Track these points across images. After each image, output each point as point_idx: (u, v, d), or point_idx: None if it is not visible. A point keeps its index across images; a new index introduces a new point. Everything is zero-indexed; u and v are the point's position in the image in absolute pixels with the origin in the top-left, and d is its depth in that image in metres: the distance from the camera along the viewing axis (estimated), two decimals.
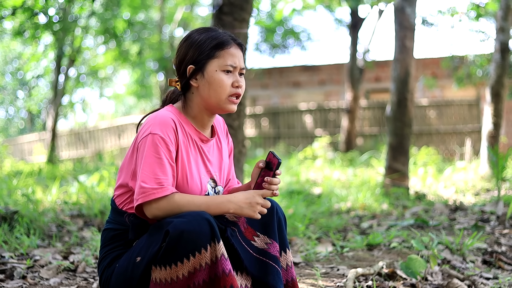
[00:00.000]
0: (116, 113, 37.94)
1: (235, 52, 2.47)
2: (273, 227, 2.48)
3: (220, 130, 2.70)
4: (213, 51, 2.44)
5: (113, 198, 2.53)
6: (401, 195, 7.52)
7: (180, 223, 2.20)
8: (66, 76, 17.46)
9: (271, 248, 2.45)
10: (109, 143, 19.91)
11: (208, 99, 2.46)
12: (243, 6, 4.76)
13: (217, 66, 2.44)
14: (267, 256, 2.44)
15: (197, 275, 2.22)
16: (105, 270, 2.46)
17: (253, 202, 2.34)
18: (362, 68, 15.93)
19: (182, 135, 2.43)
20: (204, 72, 2.44)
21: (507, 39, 9.46)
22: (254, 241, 2.44)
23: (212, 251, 2.22)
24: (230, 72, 2.46)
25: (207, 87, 2.44)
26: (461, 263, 3.95)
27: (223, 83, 2.43)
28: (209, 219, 2.23)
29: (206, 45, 2.44)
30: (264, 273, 2.41)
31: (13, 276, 3.28)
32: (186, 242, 2.19)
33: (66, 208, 5.75)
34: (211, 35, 2.47)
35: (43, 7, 12.52)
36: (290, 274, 2.53)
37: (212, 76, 2.43)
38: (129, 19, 17.56)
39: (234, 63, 2.46)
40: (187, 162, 2.44)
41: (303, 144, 16.99)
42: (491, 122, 9.49)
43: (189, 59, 2.46)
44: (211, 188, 2.56)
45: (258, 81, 20.84)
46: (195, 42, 2.46)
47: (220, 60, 2.44)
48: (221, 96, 2.44)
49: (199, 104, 2.49)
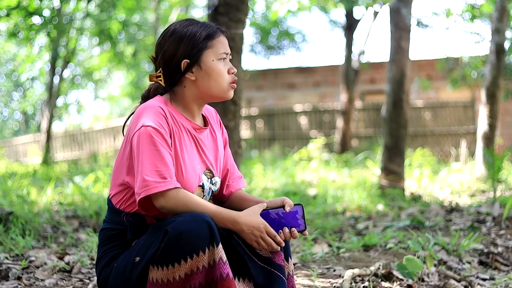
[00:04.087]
0: (111, 114, 37.87)
1: (224, 40, 2.49)
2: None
3: (212, 120, 2.68)
4: (205, 42, 2.43)
5: (109, 197, 2.50)
6: (396, 196, 7.51)
7: (180, 223, 2.19)
8: (61, 77, 17.44)
9: (276, 257, 2.42)
10: (104, 144, 19.88)
11: (207, 90, 2.45)
12: (238, 6, 4.75)
13: (213, 55, 2.44)
14: (272, 265, 2.41)
15: (194, 277, 2.20)
16: (103, 270, 2.44)
17: (256, 233, 2.32)
18: (357, 69, 15.94)
19: (174, 125, 2.41)
20: (201, 64, 2.43)
21: (502, 41, 9.47)
22: (259, 250, 2.41)
23: (210, 254, 2.20)
24: (224, 59, 2.47)
25: (206, 79, 2.44)
26: (457, 264, 3.95)
27: (222, 71, 2.45)
28: (209, 222, 2.21)
29: (197, 38, 2.43)
30: (270, 283, 2.39)
31: (8, 277, 3.27)
32: (184, 244, 2.17)
33: (61, 209, 5.73)
34: (198, 27, 2.45)
35: (38, 8, 12.51)
36: (291, 283, 2.51)
37: (211, 66, 2.43)
38: (124, 20, 17.56)
39: (226, 50, 2.47)
40: (181, 152, 2.41)
41: (298, 146, 16.98)
42: (486, 123, 9.50)
43: (181, 54, 2.43)
44: (207, 179, 2.52)
45: (253, 83, 20.82)
46: (185, 36, 2.43)
47: (214, 49, 2.44)
48: (223, 84, 2.45)
49: (193, 95, 2.47)
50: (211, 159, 2.58)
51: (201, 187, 2.49)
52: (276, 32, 20.55)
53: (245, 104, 20.54)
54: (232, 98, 4.92)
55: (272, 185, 8.37)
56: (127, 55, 19.47)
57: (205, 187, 2.51)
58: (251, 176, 9.22)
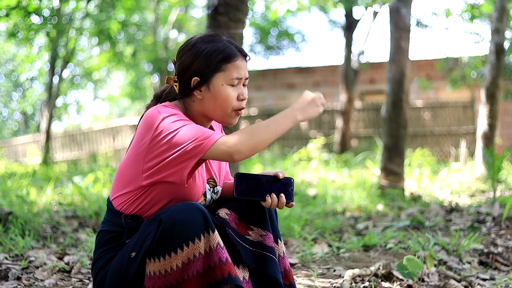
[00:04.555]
0: (110, 114, 37.87)
1: (241, 64, 2.43)
2: (265, 218, 2.45)
3: (216, 128, 2.67)
4: (219, 64, 2.39)
5: (109, 198, 2.48)
6: (396, 196, 7.51)
7: (173, 212, 2.17)
8: (60, 77, 17.41)
9: (266, 239, 2.42)
10: (103, 144, 19.86)
11: (212, 112, 2.43)
12: (238, 6, 4.75)
13: (223, 80, 2.39)
14: (263, 248, 2.40)
15: (191, 266, 2.17)
16: (99, 272, 2.42)
17: (309, 100, 2.36)
18: (356, 69, 15.94)
19: None
20: (210, 85, 2.40)
21: (502, 41, 9.47)
22: (248, 235, 2.40)
23: (206, 241, 2.18)
24: (236, 85, 2.43)
25: (212, 101, 2.41)
26: (457, 264, 3.94)
27: (229, 98, 2.40)
28: (202, 209, 2.19)
29: (213, 58, 2.39)
30: (263, 266, 2.38)
31: (8, 277, 3.26)
32: (179, 232, 2.15)
33: (60, 209, 5.72)
34: (217, 47, 2.41)
35: (37, 7, 12.50)
36: (283, 264, 2.49)
37: (218, 90, 2.39)
38: (124, 20, 17.55)
39: (240, 75, 2.42)
40: None
41: (298, 146, 16.97)
42: (486, 123, 9.50)
43: (194, 70, 2.40)
44: (209, 188, 2.51)
45: (252, 83, 20.82)
46: (201, 54, 2.40)
47: (227, 73, 2.39)
48: (227, 110, 2.42)
49: (200, 112, 2.46)
50: (215, 168, 2.57)
51: (204, 196, 2.48)
52: (276, 32, 20.56)
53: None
54: None
55: None
56: (126, 55, 19.46)
57: (207, 196, 2.50)
58: None
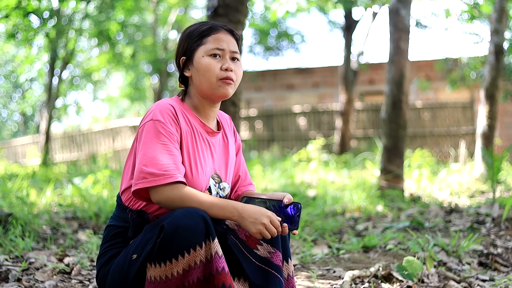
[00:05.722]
0: (110, 115, 37.89)
1: (223, 36, 2.46)
2: (277, 236, 2.42)
3: (226, 126, 2.68)
4: (200, 39, 2.45)
5: (119, 193, 2.50)
6: (396, 197, 7.51)
7: (175, 218, 2.16)
8: (60, 78, 17.44)
9: (274, 257, 2.40)
10: (103, 145, 19.86)
11: (200, 86, 2.45)
12: (238, 7, 4.76)
13: (203, 52, 2.43)
14: (269, 265, 2.38)
15: (192, 273, 2.17)
16: (102, 267, 2.44)
17: (258, 220, 2.24)
18: (356, 70, 15.93)
19: (185, 124, 2.42)
20: (193, 60, 2.45)
21: (501, 41, 9.48)
22: (257, 250, 2.39)
23: (207, 248, 2.17)
24: (217, 55, 2.43)
25: (197, 75, 2.44)
26: (457, 265, 3.95)
27: (210, 66, 2.41)
28: (204, 216, 2.18)
29: (194, 35, 2.46)
30: (267, 283, 2.36)
31: (8, 278, 3.26)
32: (181, 238, 2.15)
33: (60, 211, 5.73)
34: (200, 25, 2.49)
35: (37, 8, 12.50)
36: (291, 285, 2.48)
37: (199, 62, 2.43)
38: (123, 21, 17.56)
39: (221, 46, 2.43)
40: (192, 153, 2.41)
41: (297, 147, 16.98)
42: (485, 124, 9.51)
43: (181, 51, 2.50)
44: (215, 183, 2.51)
45: (252, 84, 20.83)
46: (186, 34, 2.49)
47: (207, 45, 2.43)
48: (211, 79, 2.42)
49: (196, 93, 2.49)
50: (221, 164, 2.58)
51: (209, 191, 2.48)
52: (275, 33, 20.55)
53: (244, 105, 20.55)
54: (231, 99, 4.94)
55: (271, 186, 8.36)
56: (126, 56, 19.47)
57: (212, 191, 2.50)
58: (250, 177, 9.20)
